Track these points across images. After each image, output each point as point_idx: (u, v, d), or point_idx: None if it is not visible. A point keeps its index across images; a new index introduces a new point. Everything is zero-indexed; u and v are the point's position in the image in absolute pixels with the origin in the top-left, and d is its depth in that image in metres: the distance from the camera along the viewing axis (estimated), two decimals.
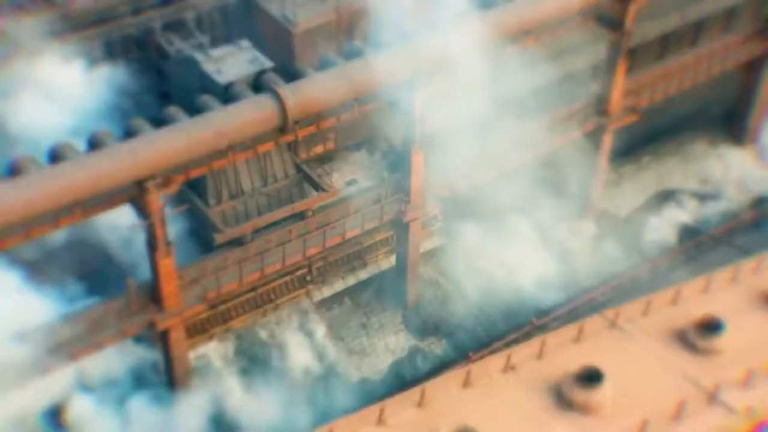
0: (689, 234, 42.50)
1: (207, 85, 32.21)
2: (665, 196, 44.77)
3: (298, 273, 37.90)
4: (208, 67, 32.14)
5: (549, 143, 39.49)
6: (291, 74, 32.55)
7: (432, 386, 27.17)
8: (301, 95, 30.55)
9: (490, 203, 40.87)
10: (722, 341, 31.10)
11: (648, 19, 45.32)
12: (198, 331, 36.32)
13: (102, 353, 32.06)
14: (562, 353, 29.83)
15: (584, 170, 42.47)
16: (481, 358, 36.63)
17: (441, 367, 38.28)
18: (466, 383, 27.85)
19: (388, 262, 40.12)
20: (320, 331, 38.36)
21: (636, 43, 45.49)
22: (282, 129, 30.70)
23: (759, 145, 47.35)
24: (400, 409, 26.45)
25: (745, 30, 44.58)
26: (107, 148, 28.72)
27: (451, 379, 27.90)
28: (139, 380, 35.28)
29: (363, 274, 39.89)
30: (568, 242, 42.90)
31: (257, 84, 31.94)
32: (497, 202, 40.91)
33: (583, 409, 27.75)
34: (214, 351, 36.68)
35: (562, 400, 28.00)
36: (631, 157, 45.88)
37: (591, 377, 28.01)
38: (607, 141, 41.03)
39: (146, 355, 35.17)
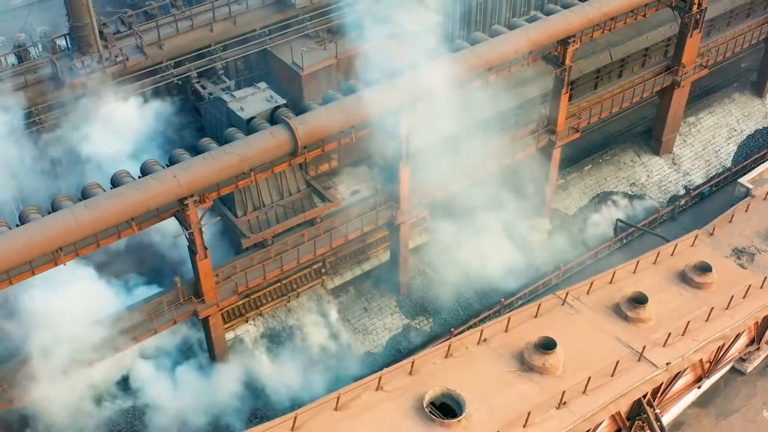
0: (622, 227, 42.15)
1: (233, 120, 31.91)
2: (603, 197, 44.39)
3: (315, 266, 37.66)
4: (234, 106, 31.84)
5: (510, 157, 39.10)
6: (300, 109, 32.21)
7: (420, 357, 27.08)
8: (308, 125, 30.31)
9: (465, 206, 40.76)
10: (647, 311, 31.13)
11: (584, 57, 45.38)
12: (236, 315, 36.18)
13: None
14: (524, 327, 29.86)
15: (539, 177, 42.28)
16: (461, 332, 36.49)
17: (429, 340, 38.13)
18: (448, 354, 27.78)
19: (386, 256, 39.79)
20: (333, 314, 38.05)
21: (576, 77, 45.56)
22: (293, 153, 30.39)
23: (673, 154, 47.03)
24: (395, 376, 26.33)
25: (658, 66, 44.35)
26: (155, 173, 28.37)
27: (436, 351, 27.88)
28: (187, 354, 35.19)
29: (366, 266, 39.50)
30: (529, 236, 42.58)
31: (273, 118, 31.57)
32: (471, 204, 40.82)
33: (541, 371, 27.74)
34: (246, 332, 36.41)
35: (524, 364, 27.93)
36: (575, 166, 45.51)
37: (546, 345, 28.03)
38: (556, 154, 40.73)
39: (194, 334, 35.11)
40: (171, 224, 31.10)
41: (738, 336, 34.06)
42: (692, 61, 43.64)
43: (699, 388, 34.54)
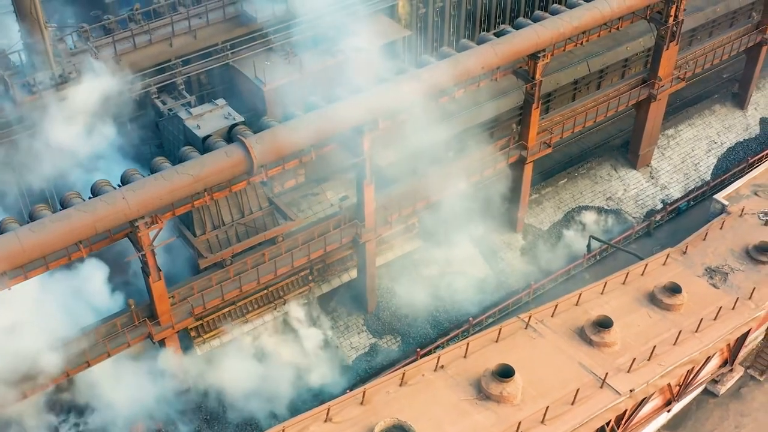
0: (595, 243, 41.41)
1: (189, 137, 31.24)
2: (578, 212, 43.63)
3: (302, 274, 37.02)
4: (190, 123, 31.14)
5: (480, 173, 38.37)
6: (259, 126, 31.46)
7: (372, 387, 26.34)
8: (264, 144, 29.60)
9: (436, 222, 40.10)
10: (612, 335, 30.43)
11: (561, 69, 44.72)
12: (219, 324, 35.36)
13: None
14: (484, 352, 29.18)
15: (512, 193, 41.60)
16: (427, 353, 35.81)
17: (396, 360, 37.30)
18: (402, 382, 27.05)
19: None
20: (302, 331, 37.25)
21: (552, 89, 44.90)
22: (249, 172, 29.65)
23: (651, 168, 46.31)
24: (345, 406, 25.60)
25: (633, 79, 43.72)
26: (104, 195, 27.65)
27: (389, 379, 27.11)
28: None
29: (354, 273, 38.56)
30: (501, 252, 41.86)
31: (230, 136, 30.81)
32: (442, 221, 40.16)
33: (498, 400, 27.03)
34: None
35: (481, 392, 27.22)
36: (551, 180, 44.80)
37: (504, 373, 27.31)
38: (528, 170, 40.01)
39: None
40: None
41: (709, 358, 33.40)
42: (669, 74, 42.94)
43: (669, 411, 33.86)
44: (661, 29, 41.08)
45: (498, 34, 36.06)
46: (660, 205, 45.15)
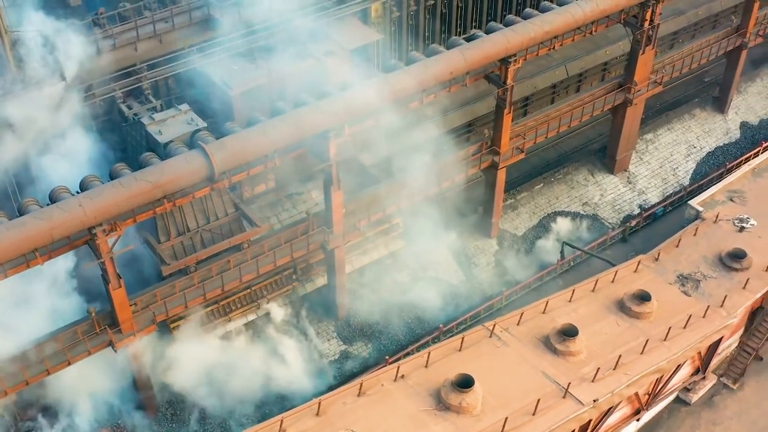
0: (569, 249, 41.14)
1: (151, 143, 30.96)
2: (554, 217, 43.36)
3: (286, 273, 36.83)
4: (152, 129, 30.91)
5: (451, 178, 38.12)
6: (221, 132, 31.19)
7: (328, 398, 26.06)
8: (225, 150, 29.35)
9: (411, 227, 39.86)
10: (577, 344, 30.18)
11: (539, 73, 44.53)
12: (203, 323, 35.13)
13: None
14: (446, 362, 28.94)
15: (486, 198, 41.34)
16: (396, 360, 35.47)
17: (367, 367, 37.00)
18: (360, 393, 26.76)
19: (358, 262, 38.78)
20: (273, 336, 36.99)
21: (530, 93, 44.70)
22: (210, 179, 29.36)
23: (628, 172, 46.06)
24: (299, 418, 25.32)
25: (609, 83, 43.52)
26: (61, 202, 27.39)
27: (347, 389, 26.83)
28: None
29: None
30: (475, 258, 41.61)
31: (193, 142, 30.52)
32: (414, 225, 39.93)
33: (458, 410, 26.78)
34: None
35: (441, 403, 26.94)
36: (526, 185, 44.55)
37: (463, 383, 27.02)
38: (501, 175, 39.73)
39: None
40: None
41: (679, 367, 33.16)
42: (645, 79, 42.69)
43: (638, 420, 33.61)
44: (637, 33, 40.80)
45: (468, 39, 35.79)
46: (637, 211, 44.90)
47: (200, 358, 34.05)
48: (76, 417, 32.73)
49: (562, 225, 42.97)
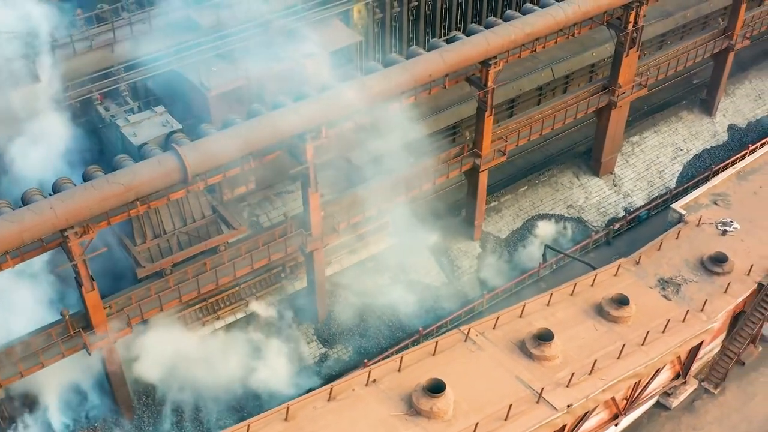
0: (552, 252, 41.01)
1: (126, 145, 30.83)
2: (537, 220, 43.22)
3: (274, 271, 36.84)
4: (127, 131, 30.83)
5: (433, 181, 38.00)
6: (201, 134, 31.04)
7: (297, 402, 25.95)
8: (199, 153, 29.25)
9: (393, 229, 39.77)
10: (552, 349, 30.03)
11: (525, 75, 44.40)
12: (192, 319, 35.29)
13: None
14: (420, 366, 28.83)
15: (469, 201, 41.20)
16: (376, 362, 35.31)
17: (346, 371, 36.88)
18: (331, 397, 26.62)
19: (348, 260, 38.85)
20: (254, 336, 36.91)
21: (516, 95, 44.56)
22: (184, 181, 29.25)
23: (614, 175, 45.90)
24: (267, 423, 25.19)
25: (593, 86, 43.44)
26: (32, 204, 27.29)
27: (318, 394, 26.70)
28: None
29: (328, 270, 38.03)
30: (457, 261, 41.47)
31: (167, 144, 30.41)
32: (398, 228, 39.83)
33: (429, 415, 26.65)
34: None
35: (412, 408, 26.79)
36: (511, 187, 44.40)
37: (434, 388, 26.88)
38: (483, 177, 39.57)
39: None
40: None
41: (658, 371, 33.00)
42: (629, 81, 42.55)
43: (616, 425, 33.46)
44: (621, 35, 40.66)
45: (449, 41, 35.67)
46: (622, 213, 44.75)
47: (178, 357, 33.97)
48: (51, 418, 32.69)
49: (546, 228, 42.85)
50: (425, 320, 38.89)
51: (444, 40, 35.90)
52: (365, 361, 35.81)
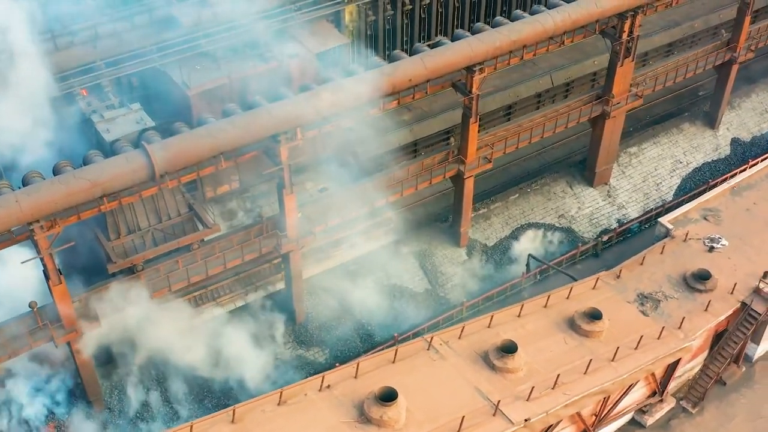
0: (535, 262, 40.52)
1: (99, 141, 31.05)
2: (527, 229, 42.70)
3: (275, 262, 37.15)
4: (100, 127, 31.09)
5: (415, 186, 37.77)
6: (174, 132, 31.14)
7: (245, 405, 25.87)
8: (168, 151, 29.36)
9: (377, 232, 39.63)
10: (516, 361, 29.65)
11: (523, 81, 43.94)
12: (193, 306, 35.61)
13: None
14: (377, 373, 28.66)
15: (456, 207, 40.89)
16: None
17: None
18: (281, 401, 26.52)
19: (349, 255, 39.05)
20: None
21: (512, 101, 44.12)
22: (152, 179, 29.36)
23: (609, 186, 45.21)
24: (212, 424, 25.16)
25: (587, 95, 42.83)
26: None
27: (268, 397, 26.61)
28: None
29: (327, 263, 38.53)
30: (442, 267, 41.15)
31: (140, 141, 30.54)
32: (383, 231, 39.69)
33: (379, 424, 26.47)
34: None
35: (363, 415, 26.60)
36: (501, 195, 43.96)
37: (386, 396, 26.66)
38: (469, 184, 39.23)
39: None
40: None
41: (631, 387, 32.44)
42: (624, 91, 41.90)
43: None
44: (615, 44, 40.06)
45: (433, 46, 35.42)
46: (615, 225, 44.08)
47: (153, 350, 34.17)
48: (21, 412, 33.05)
49: (535, 237, 42.34)
50: (403, 326, 38.63)
51: (427, 45, 35.65)
52: (336, 364, 35.68)
